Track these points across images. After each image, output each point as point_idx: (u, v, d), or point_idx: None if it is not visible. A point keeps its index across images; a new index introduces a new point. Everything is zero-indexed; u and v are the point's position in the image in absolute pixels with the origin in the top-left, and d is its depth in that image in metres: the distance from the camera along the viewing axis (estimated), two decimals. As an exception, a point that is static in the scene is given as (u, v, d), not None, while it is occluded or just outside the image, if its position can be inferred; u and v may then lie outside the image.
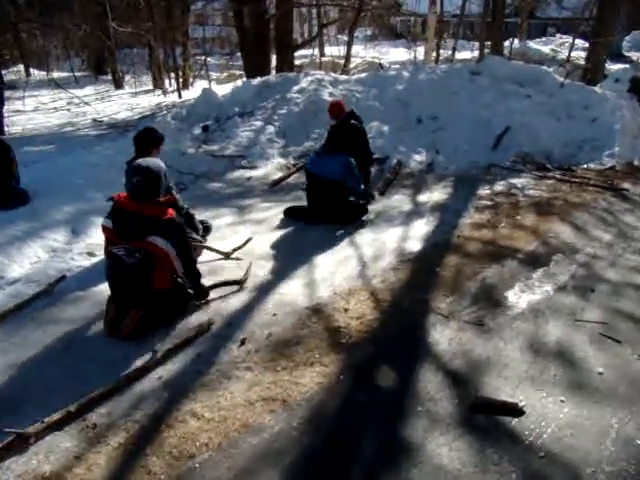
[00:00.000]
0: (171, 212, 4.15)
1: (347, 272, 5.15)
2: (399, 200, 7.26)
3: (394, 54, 25.65)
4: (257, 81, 11.82)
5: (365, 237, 6.02)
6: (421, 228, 6.21)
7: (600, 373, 3.60)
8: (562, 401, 3.34)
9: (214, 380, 3.65)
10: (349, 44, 15.11)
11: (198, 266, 4.61)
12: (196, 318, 4.41)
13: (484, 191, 7.50)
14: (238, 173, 8.88)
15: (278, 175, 8.65)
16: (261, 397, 3.45)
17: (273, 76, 12.07)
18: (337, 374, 3.64)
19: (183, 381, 3.65)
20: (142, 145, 5.51)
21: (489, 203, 7.01)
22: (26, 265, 5.52)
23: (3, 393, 3.61)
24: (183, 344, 4.03)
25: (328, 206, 6.44)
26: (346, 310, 4.44)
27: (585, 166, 8.65)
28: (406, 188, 7.81)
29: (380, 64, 18.15)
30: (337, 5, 17.38)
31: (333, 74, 12.07)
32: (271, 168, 9.04)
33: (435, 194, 7.45)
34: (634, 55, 21.00)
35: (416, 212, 6.78)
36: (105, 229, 4.21)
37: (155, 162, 4.24)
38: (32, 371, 3.83)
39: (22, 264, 5.51)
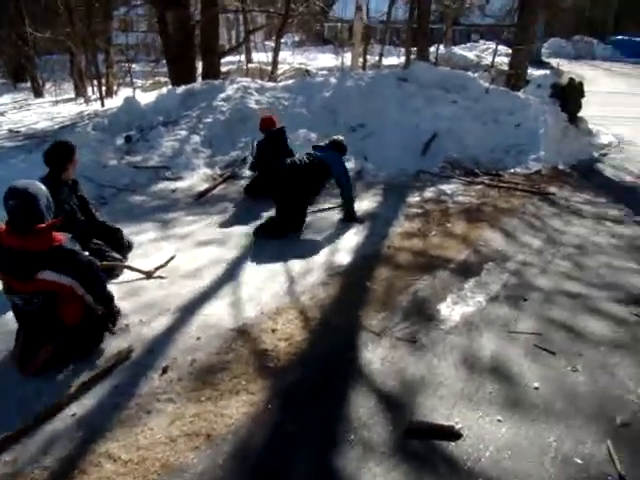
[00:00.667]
0: (57, 237, 3.69)
1: (275, 289, 4.93)
2: (328, 211, 7.08)
3: (322, 60, 25.65)
4: (182, 89, 11.47)
5: (293, 250, 5.81)
6: (351, 239, 6.05)
7: (536, 388, 3.51)
8: (499, 420, 3.22)
9: (133, 415, 3.36)
10: (276, 50, 14.92)
11: (114, 288, 4.31)
12: (115, 345, 4.10)
13: (414, 198, 7.42)
14: (162, 185, 8.53)
15: (204, 186, 8.36)
16: (184, 432, 3.19)
17: (198, 84, 11.75)
18: (265, 402, 3.41)
19: (99, 418, 3.35)
20: (55, 162, 5.14)
21: (419, 211, 6.93)
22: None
23: None
24: (100, 376, 3.73)
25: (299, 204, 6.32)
26: (274, 331, 4.22)
27: (512, 171, 8.71)
28: (335, 197, 7.63)
29: (307, 70, 18.05)
30: (263, 11, 17.19)
31: (259, 81, 11.84)
32: (197, 179, 8.74)
33: (365, 202, 7.32)
34: (553, 61, 21.63)
35: (345, 222, 6.60)
36: None
37: (32, 183, 3.74)
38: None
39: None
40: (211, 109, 10.56)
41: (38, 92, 18.37)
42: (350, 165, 8.83)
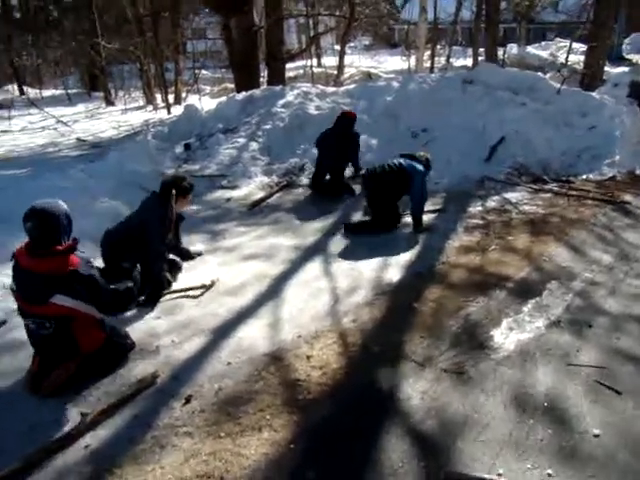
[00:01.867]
0: (73, 260, 3.54)
1: (316, 309, 4.63)
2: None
3: (391, 63, 25.18)
4: (242, 96, 11.36)
5: (342, 265, 5.50)
6: (404, 254, 5.68)
7: (596, 435, 3.06)
8: (550, 475, 2.80)
9: (147, 450, 3.14)
10: (341, 54, 14.67)
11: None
12: (142, 368, 3.92)
13: (475, 208, 6.96)
14: (218, 194, 8.41)
15: (259, 195, 8.16)
16: (196, 474, 2.94)
17: (259, 90, 11.60)
18: (288, 442, 3.11)
19: (112, 451, 3.15)
20: (167, 191, 5.22)
21: (480, 222, 6.47)
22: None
23: None
24: (120, 403, 3.53)
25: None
26: (309, 357, 3.91)
27: (584, 177, 8.07)
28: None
29: (369, 74, 17.66)
30: (328, 15, 16.96)
31: (320, 86, 11.59)
32: (253, 187, 8.56)
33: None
34: (635, 57, 20.41)
35: (400, 234, 6.25)
36: (13, 292, 3.70)
37: (53, 203, 3.64)
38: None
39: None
40: (270, 115, 10.38)
41: (109, 101, 18.76)
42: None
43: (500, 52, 14.43)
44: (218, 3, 13.14)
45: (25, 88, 22.41)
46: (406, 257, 5.59)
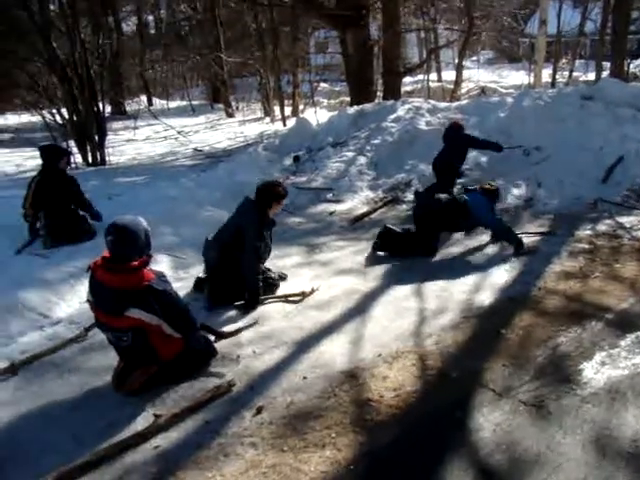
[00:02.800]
0: (147, 276, 3.66)
1: (401, 329, 4.56)
2: (484, 241, 6.52)
3: (513, 78, 24.46)
4: (353, 110, 11.46)
5: (434, 285, 5.38)
6: (500, 276, 5.48)
7: (683, 491, 2.80)
8: (622, 529, 2.59)
9: (211, 457, 3.21)
10: (458, 68, 14.45)
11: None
12: (220, 376, 4.01)
13: (584, 232, 6.59)
14: (322, 207, 8.51)
15: (363, 210, 8.17)
16: (252, 485, 2.96)
17: (370, 104, 11.65)
18: (348, 462, 3.08)
19: (178, 455, 3.25)
20: (262, 199, 5.37)
21: (587, 247, 6.12)
22: (75, 305, 5.39)
23: (-2, 449, 3.39)
24: (194, 408, 3.64)
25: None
26: (385, 378, 3.85)
27: None
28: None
29: (482, 89, 17.23)
30: (446, 29, 16.77)
31: (432, 101, 11.45)
32: (357, 202, 8.60)
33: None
34: None
35: (500, 256, 6.03)
36: (89, 303, 3.86)
37: (134, 219, 3.76)
38: (36, 426, 3.62)
39: (70, 303, 5.39)
40: (380, 130, 10.40)
41: (229, 113, 19.48)
42: (520, 192, 8.18)
43: (632, 65, 13.67)
44: (335, 18, 13.34)
45: (154, 99, 23.78)
46: (501, 280, 5.39)
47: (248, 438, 3.34)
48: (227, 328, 4.65)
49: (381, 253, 6.30)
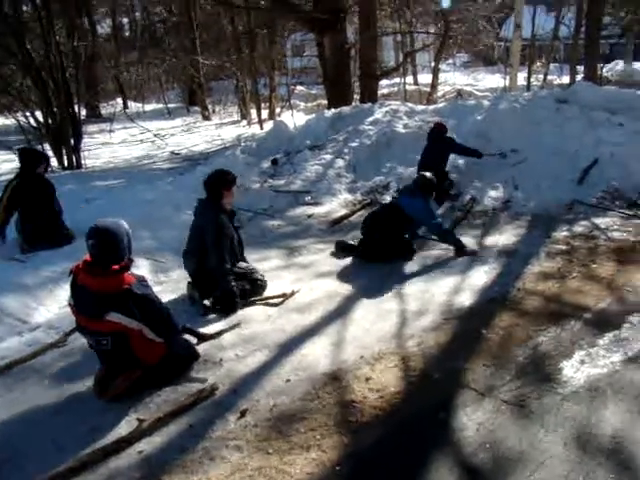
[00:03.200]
0: (128, 279, 3.63)
1: (383, 330, 4.58)
2: (464, 243, 6.57)
3: (489, 81, 24.70)
4: (331, 113, 11.48)
5: (414, 287, 5.42)
6: (480, 278, 5.52)
7: (663, 485, 2.85)
8: (606, 526, 2.63)
9: (195, 461, 3.20)
10: (435, 72, 14.54)
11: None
12: (203, 380, 3.99)
13: (561, 233, 6.67)
14: (300, 210, 8.50)
15: (342, 212, 8.18)
16: (239, 488, 2.96)
17: (348, 107, 11.67)
18: (334, 464, 3.09)
19: (163, 459, 3.24)
20: (212, 188, 5.24)
21: (564, 247, 6.20)
22: (54, 309, 5.34)
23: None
24: (177, 412, 3.62)
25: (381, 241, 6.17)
26: (367, 379, 3.87)
27: (685, 203, 7.60)
28: (475, 228, 7.11)
29: (459, 92, 17.38)
30: (421, 32, 16.88)
31: (410, 104, 11.53)
32: (336, 205, 8.59)
33: (505, 236, 6.71)
34: None
35: (479, 258, 6.08)
36: (70, 307, 3.80)
37: (115, 222, 3.73)
38: (17, 432, 3.58)
39: (50, 308, 5.34)
40: (358, 133, 10.42)
41: (206, 116, 19.42)
42: (497, 194, 8.26)
43: (604, 69, 13.85)
44: (312, 21, 13.36)
45: (129, 102, 23.61)
46: (481, 282, 5.43)
47: (233, 441, 3.33)
48: (208, 330, 4.63)
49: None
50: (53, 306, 5.36)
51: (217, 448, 3.28)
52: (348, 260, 6.25)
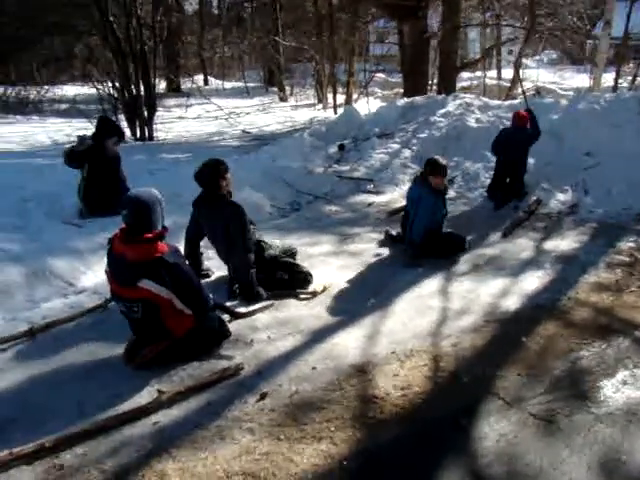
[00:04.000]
0: (161, 248, 3.68)
1: (420, 327, 4.46)
2: (521, 245, 6.33)
3: (576, 80, 23.74)
4: (403, 102, 11.30)
5: (461, 286, 5.25)
6: (531, 282, 5.29)
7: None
8: None
9: (207, 438, 3.20)
10: (516, 67, 14.04)
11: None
12: (230, 358, 3.99)
13: (626, 244, 6.31)
14: (360, 197, 8.42)
15: (402, 203, 8.02)
16: (243, 470, 2.95)
17: (420, 97, 11.44)
18: (342, 458, 3.02)
19: (176, 432, 3.26)
20: (206, 180, 4.96)
21: (626, 259, 5.87)
22: (101, 275, 5.40)
23: (2, 411, 3.48)
24: (198, 388, 3.65)
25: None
26: (394, 376, 3.77)
27: None
28: (536, 231, 6.83)
29: (537, 90, 16.74)
30: (506, 25, 16.36)
31: (484, 98, 11.18)
32: (397, 195, 8.46)
33: (566, 242, 6.41)
34: None
35: (535, 262, 5.83)
36: (106, 274, 3.90)
37: (148, 192, 3.77)
38: (44, 391, 3.69)
39: (97, 273, 5.44)
40: (428, 124, 10.22)
41: (282, 97, 19.49)
42: (565, 197, 7.92)
43: None
44: (393, 7, 13.14)
45: (210, 79, 23.98)
46: (532, 286, 5.21)
47: (247, 423, 3.31)
48: (242, 309, 4.62)
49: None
50: (100, 272, 5.44)
51: (230, 428, 3.27)
52: (398, 251, 6.11)
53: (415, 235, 5.85)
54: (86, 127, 12.19)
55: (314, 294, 5.11)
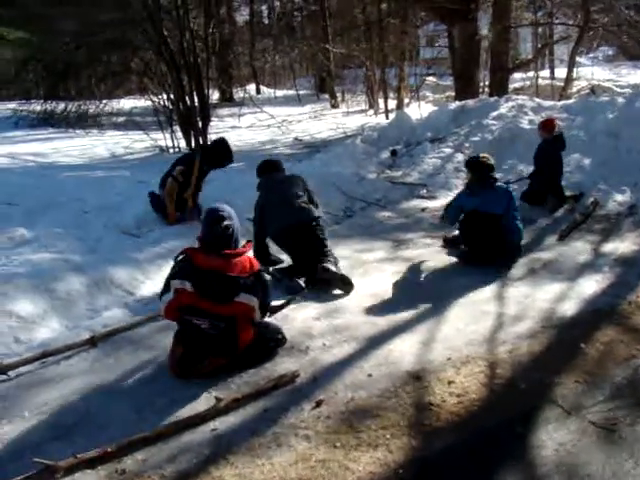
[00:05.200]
0: (256, 262, 3.92)
1: (476, 333, 4.42)
2: (578, 248, 6.21)
3: (634, 77, 23.08)
4: (454, 105, 11.24)
5: (516, 291, 5.19)
6: (589, 286, 5.19)
7: None
8: None
9: (264, 445, 3.24)
10: (570, 66, 13.80)
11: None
12: (286, 366, 4.05)
13: (691, 247, 6.14)
14: (414, 203, 8.43)
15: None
16: (299, 477, 2.97)
17: (472, 100, 11.34)
18: (398, 465, 3.01)
19: (233, 439, 3.30)
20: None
21: (694, 263, 5.70)
22: (159, 284, 5.55)
23: (63, 417, 3.59)
24: (255, 395, 3.69)
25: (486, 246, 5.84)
26: (450, 383, 3.75)
27: None
28: (593, 234, 6.69)
29: (592, 89, 16.33)
30: (559, 24, 16.04)
31: (537, 99, 11.03)
32: (451, 199, 8.37)
33: (625, 244, 6.26)
34: None
35: (593, 265, 5.72)
36: (182, 292, 3.83)
37: (229, 208, 4.01)
38: (106, 397, 3.79)
39: (155, 282, 5.55)
40: (480, 127, 10.14)
41: (333, 104, 19.58)
42: (624, 198, 7.74)
43: None
44: (442, 11, 13.07)
45: (262, 88, 24.28)
46: (590, 290, 5.10)
47: (303, 430, 3.34)
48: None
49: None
50: (158, 280, 5.60)
51: (286, 435, 3.31)
52: (454, 257, 6.08)
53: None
54: (142, 139, 12.58)
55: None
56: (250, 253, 3.98)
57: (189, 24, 11.06)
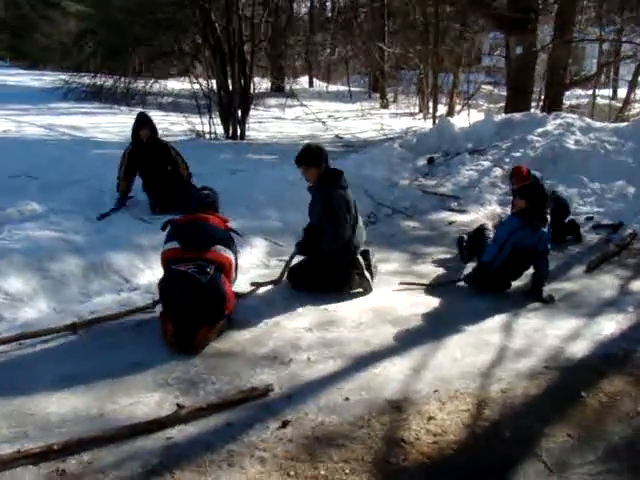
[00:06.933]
0: (229, 226, 4.55)
1: (471, 366, 4.11)
2: (605, 283, 5.80)
3: None
4: (500, 118, 10.83)
5: (527, 323, 4.84)
6: (607, 327, 4.80)
7: None
8: None
9: (215, 462, 3.03)
10: (631, 86, 13.19)
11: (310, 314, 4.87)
12: (263, 378, 3.84)
13: None
14: (442, 215, 8.09)
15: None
16: (238, 505, 2.75)
17: (518, 114, 10.89)
18: (349, 508, 2.76)
19: (186, 452, 3.11)
20: None
21: None
22: (158, 274, 5.41)
23: (20, 406, 3.46)
24: (222, 405, 3.49)
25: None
26: (430, 419, 3.46)
27: None
28: (625, 268, 6.25)
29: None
30: (624, 42, 15.37)
31: (587, 119, 10.52)
32: (482, 215, 8.05)
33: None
34: None
35: (616, 303, 5.31)
36: (168, 252, 4.35)
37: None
38: (68, 390, 3.63)
39: (155, 272, 5.38)
40: (524, 143, 9.72)
41: (383, 104, 19.26)
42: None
43: None
44: (501, 19, 12.61)
45: (315, 81, 24.13)
46: (607, 331, 4.71)
47: (260, 452, 3.11)
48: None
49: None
50: (159, 270, 5.44)
51: (242, 455, 3.08)
52: (467, 280, 5.74)
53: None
54: (181, 122, 12.49)
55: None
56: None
57: (237, 10, 10.89)
